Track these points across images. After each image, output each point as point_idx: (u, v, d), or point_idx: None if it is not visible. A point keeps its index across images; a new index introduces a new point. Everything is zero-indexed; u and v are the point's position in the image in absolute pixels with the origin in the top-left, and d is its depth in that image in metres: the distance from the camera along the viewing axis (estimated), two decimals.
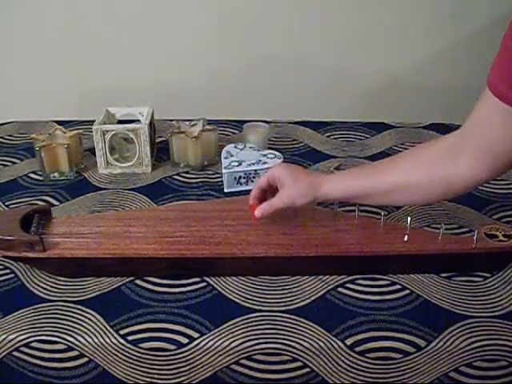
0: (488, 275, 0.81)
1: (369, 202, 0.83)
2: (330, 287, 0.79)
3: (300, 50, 1.50)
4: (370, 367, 0.71)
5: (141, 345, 0.71)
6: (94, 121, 1.07)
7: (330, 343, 0.71)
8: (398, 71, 1.54)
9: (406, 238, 0.81)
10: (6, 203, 0.98)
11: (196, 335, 0.71)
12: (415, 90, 1.56)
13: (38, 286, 0.79)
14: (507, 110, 0.68)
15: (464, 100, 0.84)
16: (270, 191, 0.84)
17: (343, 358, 0.71)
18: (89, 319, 0.73)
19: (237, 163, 1.03)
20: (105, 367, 0.72)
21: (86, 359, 0.72)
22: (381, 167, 0.82)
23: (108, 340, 0.71)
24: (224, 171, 1.02)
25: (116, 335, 0.71)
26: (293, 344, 0.71)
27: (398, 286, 0.79)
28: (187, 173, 1.09)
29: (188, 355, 0.71)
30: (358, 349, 0.71)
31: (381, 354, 0.71)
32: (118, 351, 0.71)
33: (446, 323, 0.73)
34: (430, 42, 1.50)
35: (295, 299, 0.77)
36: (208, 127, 1.11)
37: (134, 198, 1.00)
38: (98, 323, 0.73)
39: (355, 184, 0.81)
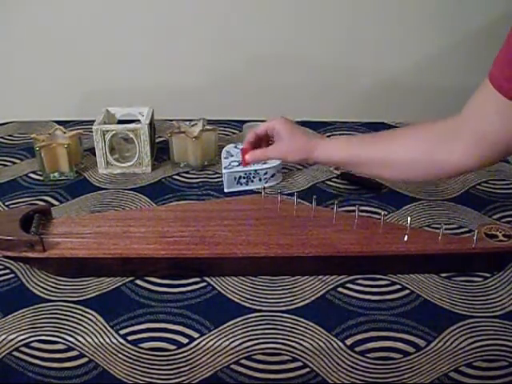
0: (488, 275, 0.81)
1: (361, 171, 0.86)
2: (329, 287, 0.79)
3: (300, 50, 1.50)
4: (370, 367, 0.71)
5: (141, 345, 0.71)
6: (93, 121, 1.07)
7: (330, 343, 0.71)
8: (398, 71, 1.54)
9: (405, 238, 0.81)
10: (6, 203, 0.98)
11: (196, 335, 0.71)
12: (415, 90, 1.56)
13: (38, 285, 0.79)
14: (504, 101, 0.69)
15: (464, 100, 0.84)
16: (264, 140, 0.87)
17: (343, 358, 0.71)
18: (89, 319, 0.73)
19: (237, 163, 1.04)
20: (105, 367, 0.72)
21: (86, 359, 0.72)
22: (379, 139, 0.83)
23: (108, 340, 0.71)
24: (224, 171, 1.02)
25: (116, 335, 0.71)
26: (293, 344, 0.71)
27: (398, 286, 0.79)
28: (187, 173, 1.09)
29: (188, 355, 0.71)
30: (358, 349, 0.71)
31: (381, 354, 0.71)
32: (118, 351, 0.71)
33: (446, 323, 0.73)
34: (429, 42, 1.50)
35: (295, 299, 0.77)
36: (208, 127, 1.11)
37: (134, 198, 1.00)
38: (98, 323, 0.73)
39: (351, 152, 0.82)
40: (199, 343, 0.71)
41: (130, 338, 0.71)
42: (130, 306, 0.76)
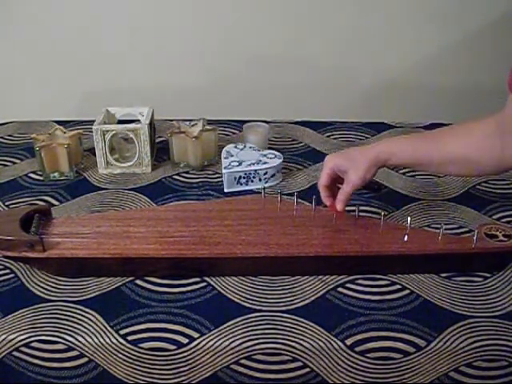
0: (488, 275, 0.81)
1: (424, 169, 0.92)
2: (329, 287, 0.79)
3: (300, 50, 1.50)
4: (370, 367, 0.71)
5: (141, 345, 0.71)
6: (93, 121, 1.07)
7: (330, 343, 0.71)
8: (398, 71, 1.55)
9: (405, 238, 0.81)
10: (6, 203, 0.98)
11: (196, 335, 0.71)
12: (415, 89, 1.56)
13: (38, 285, 0.79)
14: None
15: (464, 100, 0.84)
16: (333, 184, 0.86)
17: (343, 358, 0.71)
18: (89, 319, 0.73)
19: (237, 163, 1.04)
20: (105, 367, 0.72)
21: (86, 359, 0.72)
22: (436, 139, 0.84)
23: (108, 340, 0.71)
24: (224, 171, 1.02)
25: (116, 335, 0.71)
26: (293, 344, 0.71)
27: (398, 286, 0.79)
28: (187, 173, 1.09)
29: (188, 355, 0.71)
30: (358, 349, 0.71)
31: (381, 354, 0.71)
32: (118, 351, 0.71)
33: (446, 323, 0.73)
34: (430, 41, 1.50)
35: (295, 299, 0.77)
36: (208, 127, 1.11)
37: (134, 197, 1.00)
38: (98, 323, 0.73)
39: (420, 152, 0.83)
40: (199, 343, 0.71)
41: (129, 337, 0.71)
42: (130, 306, 0.76)
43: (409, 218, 0.82)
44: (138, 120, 1.12)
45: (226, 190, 1.02)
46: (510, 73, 0.74)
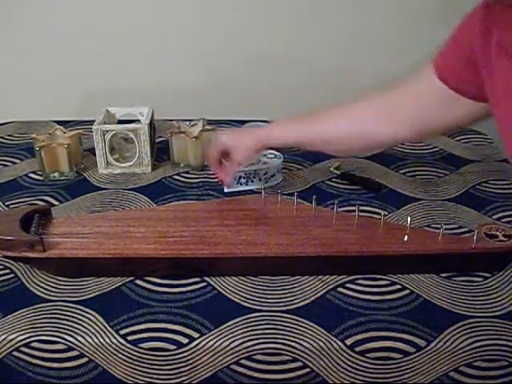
0: (488, 275, 0.81)
1: (309, 149, 0.99)
2: (329, 287, 0.79)
3: (300, 50, 1.50)
4: (369, 367, 0.71)
5: (141, 345, 0.71)
6: (93, 121, 1.07)
7: (330, 343, 0.71)
8: (398, 71, 1.54)
9: (406, 238, 0.81)
10: (6, 203, 0.98)
11: (196, 335, 0.71)
12: None
13: (38, 285, 0.79)
14: (447, 90, 0.78)
15: None
16: (222, 157, 0.97)
17: (343, 358, 0.71)
18: (89, 319, 0.73)
19: None
20: (105, 367, 0.72)
21: (86, 359, 0.72)
22: (316, 118, 0.93)
23: (108, 340, 0.71)
24: None
25: (116, 335, 0.71)
26: (293, 344, 0.71)
27: (398, 286, 0.79)
28: (187, 173, 1.09)
29: (188, 355, 0.71)
30: (358, 349, 0.71)
31: (381, 354, 0.71)
32: (118, 351, 0.71)
33: (446, 323, 0.73)
34: (429, 42, 1.50)
35: (295, 299, 0.77)
36: (208, 127, 1.11)
37: (134, 197, 1.00)
38: (98, 323, 0.73)
39: (294, 133, 0.93)
40: (199, 343, 0.71)
41: (129, 338, 0.71)
42: (130, 306, 0.76)
43: (409, 218, 0.82)
44: (138, 120, 1.12)
45: (225, 190, 1.02)
46: (439, 54, 0.82)
